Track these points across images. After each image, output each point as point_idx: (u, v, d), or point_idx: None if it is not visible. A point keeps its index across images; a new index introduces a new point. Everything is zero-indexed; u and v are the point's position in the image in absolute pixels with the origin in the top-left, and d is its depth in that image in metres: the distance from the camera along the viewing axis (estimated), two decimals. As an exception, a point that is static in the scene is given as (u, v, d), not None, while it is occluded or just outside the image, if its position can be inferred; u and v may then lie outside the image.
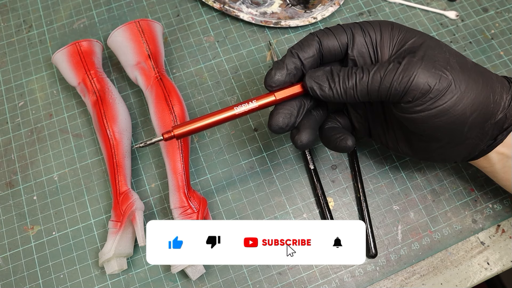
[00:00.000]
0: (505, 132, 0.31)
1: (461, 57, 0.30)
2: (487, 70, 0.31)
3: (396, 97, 0.29)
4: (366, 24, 0.31)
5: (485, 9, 0.47)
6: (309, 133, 0.32)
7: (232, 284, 0.37)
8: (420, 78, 0.28)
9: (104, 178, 0.41)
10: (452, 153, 0.32)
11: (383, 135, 0.36)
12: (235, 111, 0.32)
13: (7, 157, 0.42)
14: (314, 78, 0.31)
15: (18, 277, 0.37)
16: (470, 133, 0.30)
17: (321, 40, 0.31)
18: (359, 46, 0.31)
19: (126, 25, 0.40)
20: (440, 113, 0.29)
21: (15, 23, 0.48)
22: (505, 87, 0.30)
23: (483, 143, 0.31)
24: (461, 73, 0.29)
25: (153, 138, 0.32)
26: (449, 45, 0.45)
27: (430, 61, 0.28)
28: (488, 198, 0.39)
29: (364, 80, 0.29)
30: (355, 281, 0.37)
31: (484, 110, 0.29)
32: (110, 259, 0.35)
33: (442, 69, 0.28)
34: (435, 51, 0.29)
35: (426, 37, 0.31)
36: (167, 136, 0.32)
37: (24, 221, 0.39)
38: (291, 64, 0.31)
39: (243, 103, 0.32)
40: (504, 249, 0.38)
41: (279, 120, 0.32)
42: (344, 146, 0.33)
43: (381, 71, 0.29)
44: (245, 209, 0.39)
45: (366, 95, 0.30)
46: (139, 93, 0.44)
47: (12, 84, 0.45)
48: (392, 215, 0.39)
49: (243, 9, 0.47)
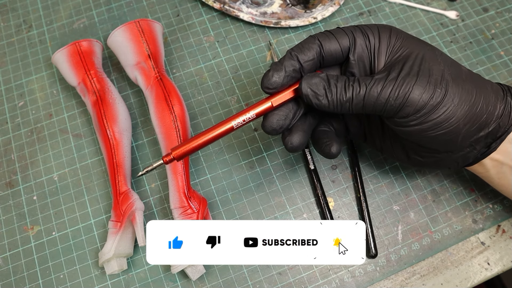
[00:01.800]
0: (498, 140, 0.31)
1: (456, 67, 0.31)
2: (482, 79, 0.31)
3: (391, 112, 0.29)
4: (366, 28, 0.31)
5: (485, 9, 0.47)
6: (300, 135, 0.32)
7: (232, 284, 0.37)
8: (415, 94, 0.28)
9: (104, 178, 0.41)
10: (446, 161, 0.33)
11: (378, 141, 0.36)
12: (232, 124, 0.31)
13: (7, 157, 0.42)
14: (310, 85, 0.30)
15: (18, 277, 0.37)
16: (464, 143, 0.30)
17: (322, 43, 0.31)
18: (359, 51, 0.31)
19: (126, 25, 0.40)
20: (434, 126, 0.29)
21: (15, 23, 0.48)
22: (499, 96, 0.31)
23: (477, 151, 0.32)
24: (455, 85, 0.29)
25: (153, 163, 0.32)
26: (450, 45, 0.46)
27: (425, 76, 0.29)
28: (489, 198, 0.39)
29: (361, 94, 0.29)
30: (355, 281, 0.37)
31: (477, 120, 0.30)
32: (110, 259, 0.35)
33: (437, 83, 0.29)
34: (430, 63, 0.29)
35: (422, 46, 0.31)
36: (167, 159, 0.31)
37: (24, 221, 0.39)
38: (289, 66, 0.30)
39: (241, 115, 0.31)
40: (505, 249, 0.38)
41: (273, 122, 0.31)
42: (327, 152, 0.33)
43: (378, 86, 0.29)
44: (245, 209, 0.39)
45: (361, 108, 0.30)
46: (139, 93, 0.44)
47: (12, 84, 0.45)
48: (392, 215, 0.39)
49: (243, 9, 0.47)
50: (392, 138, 0.34)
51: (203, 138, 0.31)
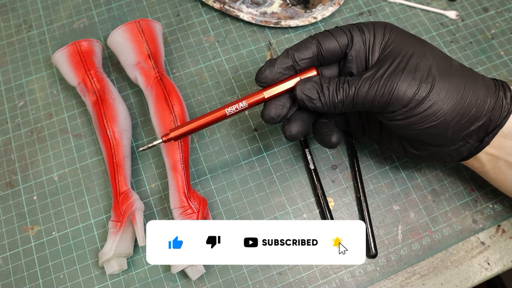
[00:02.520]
0: (491, 134, 0.31)
1: (447, 62, 0.31)
2: (474, 74, 0.32)
3: (379, 108, 0.31)
4: (363, 25, 0.33)
5: (485, 9, 0.47)
6: (299, 124, 0.33)
7: (232, 284, 0.37)
8: (400, 91, 0.29)
9: (104, 178, 0.41)
10: (440, 154, 0.33)
11: (376, 134, 0.37)
12: (226, 112, 0.34)
13: (7, 157, 0.42)
14: (304, 90, 0.32)
15: (18, 277, 0.37)
16: (455, 136, 0.31)
17: (321, 42, 0.32)
18: (356, 47, 0.32)
19: (126, 25, 0.40)
20: (421, 120, 0.30)
21: (15, 23, 0.48)
22: (490, 90, 0.31)
23: (470, 145, 0.32)
24: (442, 80, 0.30)
25: (154, 141, 0.35)
26: (450, 45, 0.46)
27: (410, 72, 0.30)
28: (489, 198, 0.39)
29: (350, 95, 0.31)
30: (355, 281, 0.37)
31: (466, 114, 0.30)
32: (110, 259, 0.35)
33: (423, 78, 0.29)
34: (418, 59, 0.30)
35: (413, 41, 0.31)
36: (165, 139, 0.34)
37: (24, 221, 0.39)
38: (282, 64, 0.33)
39: (234, 103, 0.34)
40: (505, 249, 0.38)
41: (271, 111, 0.33)
42: (328, 142, 0.34)
43: (365, 86, 0.30)
44: (245, 209, 0.39)
45: (353, 107, 0.32)
46: (139, 93, 0.44)
47: (12, 84, 0.45)
48: (392, 215, 0.39)
49: (243, 9, 0.47)
50: (389, 131, 0.35)
51: (199, 122, 0.34)
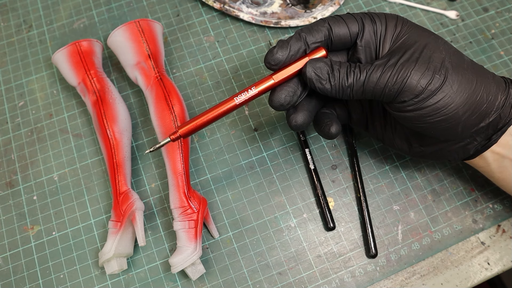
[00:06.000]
0: (499, 132, 0.31)
1: (459, 56, 0.31)
2: (485, 70, 0.31)
3: (390, 97, 0.30)
4: (375, 16, 0.32)
5: (485, 9, 0.47)
6: (305, 114, 0.33)
7: (232, 284, 0.37)
8: (413, 79, 0.29)
9: (104, 178, 0.41)
10: (447, 151, 0.33)
11: (380, 129, 0.36)
12: (235, 102, 0.32)
13: (7, 157, 0.42)
14: (315, 69, 0.31)
15: (18, 277, 0.37)
16: (464, 132, 0.30)
17: (332, 27, 0.31)
18: (367, 37, 0.31)
19: (126, 25, 0.40)
20: (432, 112, 0.29)
21: (15, 23, 0.48)
22: (501, 87, 0.31)
23: (477, 143, 0.32)
24: (455, 73, 0.29)
25: (161, 142, 0.33)
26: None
27: (424, 63, 0.29)
28: (489, 198, 0.39)
29: (361, 80, 0.30)
30: (355, 281, 0.37)
31: (477, 109, 0.30)
32: (110, 259, 0.35)
33: (436, 69, 0.29)
34: (431, 51, 0.30)
35: (425, 34, 0.31)
36: (174, 137, 0.32)
37: (24, 221, 0.39)
38: (295, 46, 0.31)
39: (243, 92, 0.32)
40: (505, 249, 0.38)
41: (281, 97, 0.32)
42: (327, 132, 0.33)
43: (377, 72, 0.29)
44: (245, 209, 0.39)
45: (361, 94, 0.30)
46: (139, 93, 0.44)
47: (12, 84, 0.45)
48: (392, 215, 0.39)
49: (243, 9, 0.47)
50: (394, 127, 0.34)
51: (208, 116, 0.32)
